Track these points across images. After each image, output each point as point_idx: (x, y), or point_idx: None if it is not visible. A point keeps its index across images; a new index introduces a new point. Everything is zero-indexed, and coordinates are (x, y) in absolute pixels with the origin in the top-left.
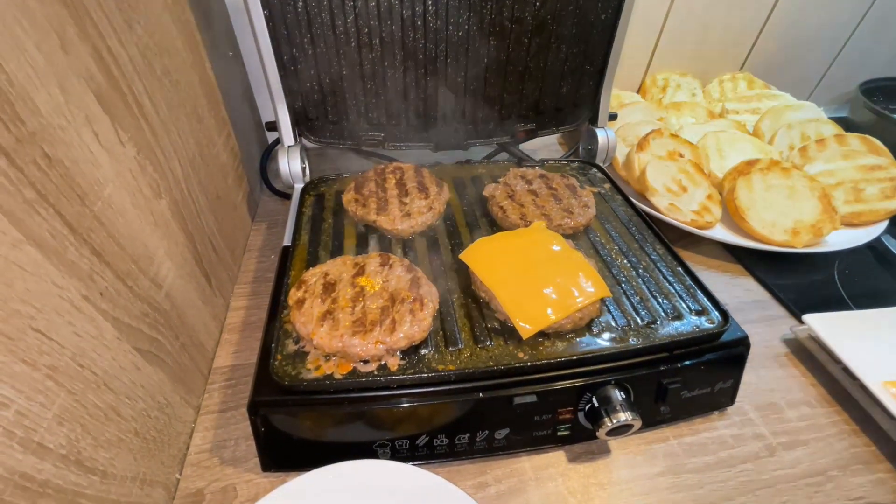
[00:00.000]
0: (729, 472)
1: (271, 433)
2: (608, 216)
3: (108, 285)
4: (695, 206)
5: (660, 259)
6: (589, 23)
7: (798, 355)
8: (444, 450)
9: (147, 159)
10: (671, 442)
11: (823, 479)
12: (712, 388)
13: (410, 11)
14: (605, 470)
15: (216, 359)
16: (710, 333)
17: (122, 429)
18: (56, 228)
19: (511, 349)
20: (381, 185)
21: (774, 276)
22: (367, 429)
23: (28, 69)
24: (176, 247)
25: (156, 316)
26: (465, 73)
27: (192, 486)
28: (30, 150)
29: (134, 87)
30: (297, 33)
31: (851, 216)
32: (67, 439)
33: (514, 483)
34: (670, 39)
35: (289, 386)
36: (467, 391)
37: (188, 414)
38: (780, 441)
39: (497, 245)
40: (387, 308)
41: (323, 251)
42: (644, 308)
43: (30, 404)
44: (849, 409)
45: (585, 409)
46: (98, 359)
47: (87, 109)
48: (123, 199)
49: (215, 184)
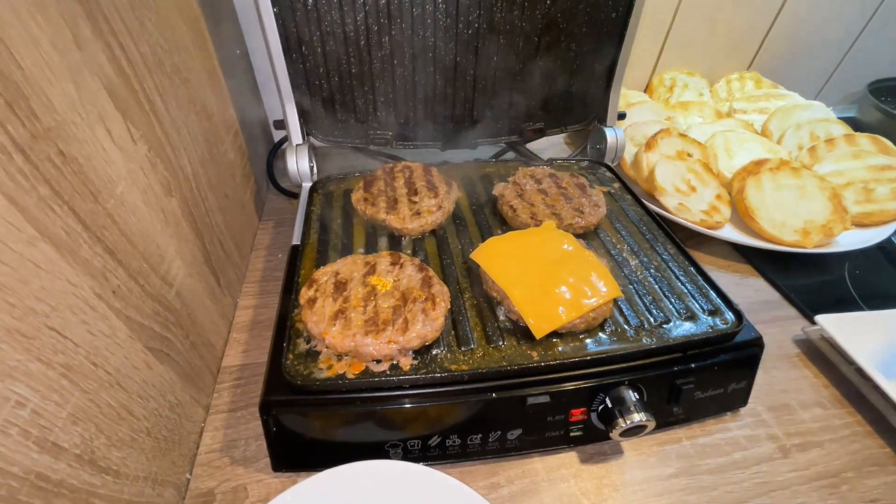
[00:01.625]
0: (743, 473)
1: (282, 433)
2: (618, 216)
3: (121, 283)
4: (704, 205)
5: (671, 259)
6: (600, 20)
7: (810, 356)
8: (456, 450)
9: (158, 157)
10: (684, 443)
11: (838, 481)
12: (725, 388)
13: (420, 9)
14: (617, 471)
15: (225, 358)
16: (724, 334)
17: (135, 428)
18: (70, 226)
19: (524, 349)
20: (390, 183)
21: (784, 276)
22: (379, 429)
23: (43, 65)
24: (186, 245)
25: (167, 315)
26: (474, 72)
27: (202, 486)
28: (45, 147)
29: (145, 84)
30: (307, 31)
31: (862, 216)
32: (82, 439)
33: (526, 484)
34: (678, 38)
35: (301, 385)
36: (480, 391)
37: (198, 413)
38: (793, 442)
39: (508, 245)
40: (399, 307)
41: (332, 250)
42: (657, 308)
43: (45, 403)
44: (862, 411)
45: (598, 409)
46: (111, 357)
47: (100, 106)
48: (135, 196)
49: (223, 182)
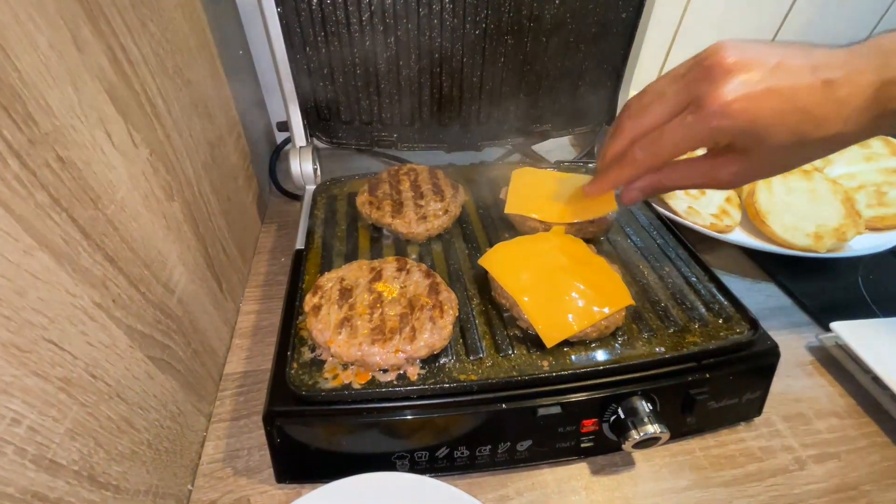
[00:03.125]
0: (758, 486)
1: (287, 444)
2: (628, 220)
3: (122, 292)
4: (713, 209)
5: (684, 264)
6: (609, 21)
7: (825, 364)
8: (465, 462)
9: (160, 161)
10: (697, 454)
11: (856, 494)
12: (740, 398)
13: (427, 9)
14: (629, 483)
15: (227, 365)
16: (739, 342)
17: (135, 441)
18: (69, 233)
19: (534, 358)
20: (395, 187)
21: (796, 281)
22: (386, 440)
23: (41, 67)
24: (188, 250)
25: (168, 322)
26: (480, 73)
27: (204, 498)
28: (43, 152)
29: (147, 86)
30: (311, 31)
31: (874, 220)
32: (80, 454)
33: (536, 496)
34: (685, 40)
35: (306, 395)
36: (489, 402)
37: (200, 423)
38: (809, 454)
39: (517, 250)
40: (406, 315)
41: (336, 255)
42: (670, 316)
43: (42, 419)
44: (880, 421)
45: (610, 420)
46: (111, 369)
47: (100, 109)
48: (136, 202)
49: (226, 185)
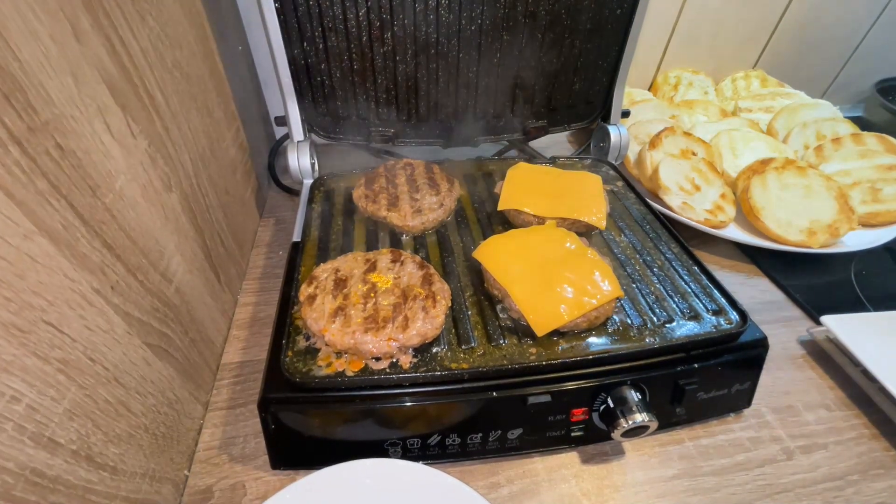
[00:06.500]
0: (746, 475)
1: (281, 430)
2: (622, 214)
3: (120, 279)
4: (708, 205)
5: (675, 258)
6: (604, 17)
7: (815, 357)
8: (456, 449)
9: (158, 152)
10: (686, 444)
11: (843, 484)
12: (729, 389)
13: (423, 5)
14: (619, 472)
15: (224, 355)
16: (728, 334)
17: (132, 424)
18: (68, 220)
19: (525, 348)
20: (391, 181)
21: (789, 276)
22: (379, 427)
23: (41, 58)
24: (186, 241)
25: (166, 311)
26: (476, 69)
27: (200, 483)
28: (42, 140)
29: (146, 78)
30: (308, 27)
31: (868, 216)
32: (78, 434)
33: (526, 484)
34: (683, 36)
35: (300, 383)
36: (480, 390)
37: (197, 410)
38: (797, 444)
39: (510, 243)
40: (399, 305)
41: (333, 247)
42: (660, 307)
43: (41, 398)
44: (868, 413)
45: (600, 409)
46: (109, 353)
47: (99, 100)
48: (134, 191)
49: (224, 178)
